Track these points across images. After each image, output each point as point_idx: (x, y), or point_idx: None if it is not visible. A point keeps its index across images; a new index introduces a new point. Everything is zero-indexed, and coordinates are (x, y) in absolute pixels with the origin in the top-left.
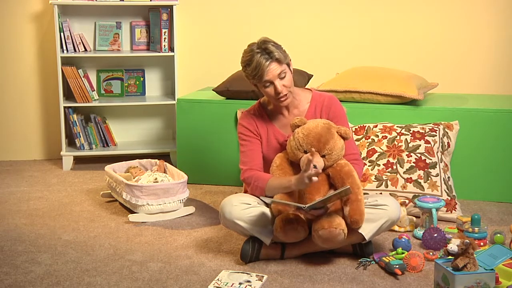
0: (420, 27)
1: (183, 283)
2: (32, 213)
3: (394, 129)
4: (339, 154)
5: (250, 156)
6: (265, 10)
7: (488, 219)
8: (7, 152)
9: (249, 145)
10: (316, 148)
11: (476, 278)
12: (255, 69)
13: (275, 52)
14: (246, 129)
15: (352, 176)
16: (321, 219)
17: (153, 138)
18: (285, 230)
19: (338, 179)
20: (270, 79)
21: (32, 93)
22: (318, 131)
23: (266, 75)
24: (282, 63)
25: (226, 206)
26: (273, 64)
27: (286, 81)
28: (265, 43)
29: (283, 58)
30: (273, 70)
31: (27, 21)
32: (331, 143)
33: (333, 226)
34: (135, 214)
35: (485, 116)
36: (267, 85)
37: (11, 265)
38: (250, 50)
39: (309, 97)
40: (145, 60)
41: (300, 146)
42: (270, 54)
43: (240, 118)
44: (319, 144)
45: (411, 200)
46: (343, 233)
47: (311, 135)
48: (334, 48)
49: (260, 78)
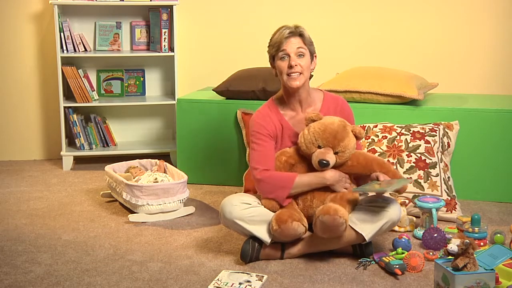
0: (420, 27)
1: (183, 283)
2: (32, 213)
3: (394, 129)
4: (351, 152)
5: (266, 156)
6: (265, 10)
7: (488, 219)
8: (7, 152)
9: (265, 145)
10: (331, 145)
11: (476, 278)
12: (277, 37)
13: (302, 29)
14: (263, 127)
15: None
16: (328, 205)
17: (153, 138)
18: (280, 228)
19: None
20: (287, 51)
21: (32, 93)
22: (335, 128)
23: (285, 44)
24: (305, 44)
25: (226, 206)
26: (296, 38)
27: (302, 61)
28: (297, 25)
29: (308, 41)
30: (293, 43)
31: (27, 21)
32: (346, 141)
33: (338, 214)
34: (135, 214)
35: (485, 116)
36: (283, 57)
37: (11, 265)
38: (282, 26)
39: (321, 97)
40: (145, 60)
41: (315, 140)
42: (296, 29)
43: (255, 116)
44: (334, 140)
45: (411, 200)
46: (345, 224)
47: (327, 131)
48: (334, 48)
49: (278, 47)
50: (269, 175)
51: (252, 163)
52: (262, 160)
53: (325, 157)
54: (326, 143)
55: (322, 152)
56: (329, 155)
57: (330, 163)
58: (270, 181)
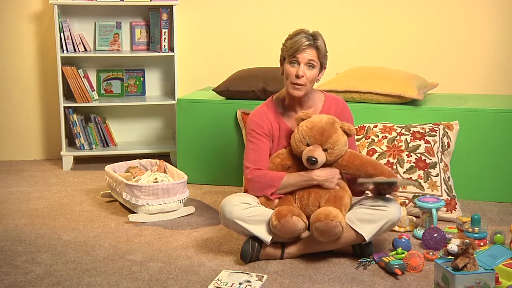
0: (420, 27)
1: (183, 283)
2: (32, 213)
3: (394, 129)
4: (341, 149)
5: (259, 155)
6: (265, 10)
7: (488, 219)
8: (7, 152)
9: (259, 144)
10: (319, 142)
11: (476, 278)
12: (295, 43)
13: (320, 42)
14: (259, 126)
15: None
16: (318, 212)
17: (153, 138)
18: (280, 223)
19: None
20: (300, 60)
21: (32, 93)
22: (322, 125)
23: (300, 53)
24: (318, 58)
25: (226, 205)
26: (312, 49)
27: (310, 73)
28: (316, 33)
29: (323, 55)
30: (308, 54)
31: (27, 21)
32: (334, 138)
33: (329, 218)
34: (135, 214)
35: (485, 116)
36: (293, 62)
37: (11, 265)
38: (301, 30)
39: (322, 98)
40: (145, 60)
41: (304, 138)
42: (314, 40)
43: (252, 114)
44: (322, 137)
45: (411, 200)
46: (340, 225)
47: (315, 128)
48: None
49: (293, 52)
50: (259, 174)
51: (245, 161)
52: (255, 159)
53: (313, 154)
54: (314, 140)
55: (311, 150)
56: (317, 152)
57: (318, 160)
58: (259, 180)
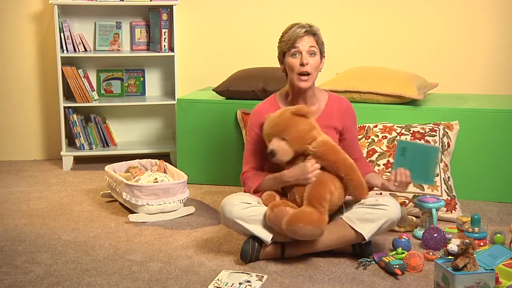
0: (420, 27)
1: (183, 283)
2: (32, 213)
3: (394, 129)
4: (304, 136)
5: (254, 155)
6: (265, 10)
7: (488, 219)
8: (7, 152)
9: (254, 145)
10: (276, 134)
11: (476, 278)
12: (292, 34)
13: (316, 29)
14: (258, 125)
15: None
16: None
17: (153, 138)
18: (274, 212)
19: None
20: (300, 49)
21: (32, 93)
22: (275, 118)
23: (299, 42)
24: (318, 44)
25: (226, 205)
26: (310, 36)
27: (313, 61)
28: (310, 23)
29: (321, 41)
30: (307, 42)
31: (27, 21)
32: (289, 125)
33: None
34: (135, 214)
35: (485, 116)
36: (295, 54)
37: (11, 265)
38: (294, 23)
39: (326, 97)
40: (145, 60)
41: (267, 137)
42: (311, 28)
43: (254, 111)
44: (278, 128)
45: (411, 200)
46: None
47: (270, 123)
48: (334, 48)
49: (293, 43)
50: (247, 177)
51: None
52: (249, 160)
53: (269, 147)
54: (272, 134)
55: (269, 144)
56: (273, 143)
57: (275, 151)
58: (245, 181)
